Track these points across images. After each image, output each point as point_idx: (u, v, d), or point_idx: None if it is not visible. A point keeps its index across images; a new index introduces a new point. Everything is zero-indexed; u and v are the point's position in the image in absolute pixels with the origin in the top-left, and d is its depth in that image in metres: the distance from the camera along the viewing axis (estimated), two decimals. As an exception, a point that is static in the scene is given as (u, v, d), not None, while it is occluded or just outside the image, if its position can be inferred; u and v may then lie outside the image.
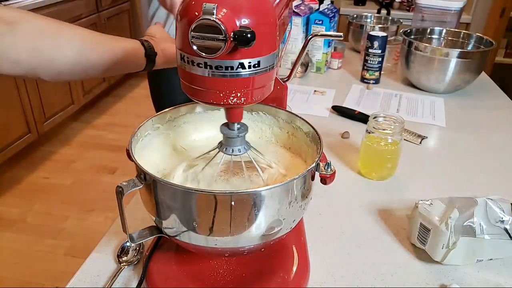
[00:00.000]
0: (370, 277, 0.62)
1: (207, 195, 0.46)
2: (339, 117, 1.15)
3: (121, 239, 0.66)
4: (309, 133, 0.60)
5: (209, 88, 0.45)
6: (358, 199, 0.80)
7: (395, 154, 0.84)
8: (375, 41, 1.30)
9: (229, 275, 0.59)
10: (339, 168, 0.66)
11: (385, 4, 2.76)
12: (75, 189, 2.32)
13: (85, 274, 0.61)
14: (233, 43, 0.40)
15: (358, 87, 1.36)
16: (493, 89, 1.39)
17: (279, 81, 0.67)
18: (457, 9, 1.61)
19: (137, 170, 0.49)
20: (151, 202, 0.50)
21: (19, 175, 2.41)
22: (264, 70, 0.45)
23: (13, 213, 2.12)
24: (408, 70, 1.33)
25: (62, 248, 1.90)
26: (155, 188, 0.48)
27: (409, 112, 1.18)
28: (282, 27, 0.59)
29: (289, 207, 0.50)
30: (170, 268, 0.60)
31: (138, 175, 0.49)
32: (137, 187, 0.48)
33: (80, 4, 2.80)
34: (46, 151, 2.65)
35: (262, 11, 0.44)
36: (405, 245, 0.69)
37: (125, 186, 0.47)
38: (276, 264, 0.61)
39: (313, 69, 1.45)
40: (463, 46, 1.39)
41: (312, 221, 0.73)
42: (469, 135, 1.07)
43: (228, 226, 0.48)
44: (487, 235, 0.62)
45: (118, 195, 0.47)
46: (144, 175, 0.48)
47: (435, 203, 0.65)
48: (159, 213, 0.51)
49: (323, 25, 1.40)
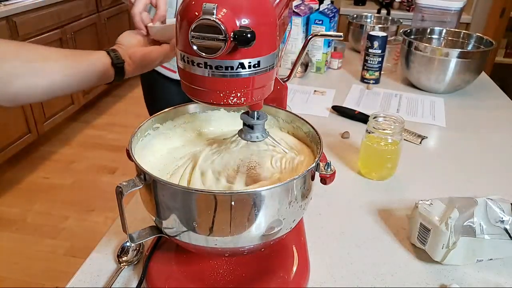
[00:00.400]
0: (370, 277, 0.62)
1: (207, 195, 0.46)
2: (339, 117, 1.15)
3: (121, 239, 0.66)
4: (309, 133, 0.60)
5: (209, 88, 0.45)
6: (358, 199, 0.80)
7: (395, 154, 0.84)
8: (375, 41, 1.30)
9: (229, 275, 0.59)
10: (339, 168, 0.66)
11: (385, 4, 2.76)
12: (75, 189, 2.32)
13: (85, 274, 0.61)
14: (233, 43, 0.40)
15: (358, 87, 1.36)
16: (493, 89, 1.39)
17: (279, 81, 0.67)
18: (457, 9, 1.61)
19: (137, 170, 0.49)
20: (151, 202, 0.50)
21: (19, 175, 2.41)
22: (264, 70, 0.45)
23: (13, 213, 2.12)
24: (408, 70, 1.33)
25: (62, 248, 1.90)
26: (155, 188, 0.48)
27: (409, 112, 1.18)
28: (282, 27, 0.59)
29: (289, 207, 0.50)
30: (170, 268, 0.60)
31: (138, 175, 0.49)
32: (137, 187, 0.48)
33: (80, 4, 2.80)
34: (46, 151, 2.65)
35: (262, 11, 0.44)
36: (405, 245, 0.69)
37: (125, 186, 0.47)
38: (276, 264, 0.61)
39: (313, 69, 1.45)
40: (463, 46, 1.39)
41: (312, 221, 0.73)
42: (469, 135, 1.07)
43: (228, 226, 0.48)
44: (487, 235, 0.62)
45: (118, 195, 0.47)
46: (144, 175, 0.48)
47: (435, 203, 0.65)
48: (159, 213, 0.51)
49: (323, 25, 1.40)
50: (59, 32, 2.60)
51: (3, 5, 2.23)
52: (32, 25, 2.37)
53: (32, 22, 2.37)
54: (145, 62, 0.71)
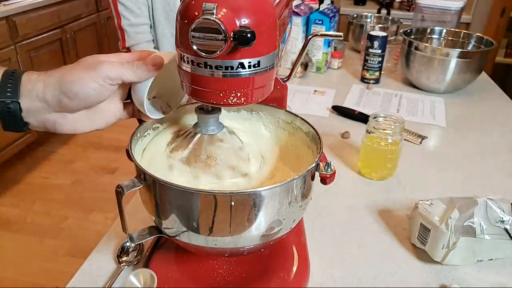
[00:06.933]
0: (370, 277, 0.62)
1: (207, 195, 0.46)
2: (339, 117, 1.15)
3: (121, 239, 0.66)
4: (309, 133, 0.60)
5: (209, 88, 0.45)
6: (358, 199, 0.80)
7: (395, 154, 0.84)
8: (375, 41, 1.30)
9: (229, 275, 0.59)
10: (339, 168, 0.66)
11: (385, 4, 2.76)
12: (75, 189, 2.32)
13: (85, 274, 0.61)
14: (233, 43, 0.40)
15: (358, 87, 1.36)
16: (493, 89, 1.39)
17: (279, 81, 0.67)
18: (457, 9, 1.61)
19: (137, 170, 0.49)
20: (151, 202, 0.50)
21: (19, 175, 2.41)
22: (264, 70, 0.45)
23: (13, 213, 2.12)
24: (408, 70, 1.33)
25: (62, 248, 1.90)
26: (155, 188, 0.48)
27: (409, 112, 1.18)
28: (282, 27, 0.59)
29: (289, 207, 0.50)
30: (170, 268, 0.60)
31: (138, 175, 0.49)
32: (137, 187, 0.48)
33: (80, 4, 2.79)
34: (46, 151, 2.64)
35: (262, 11, 0.44)
36: (405, 245, 0.69)
37: (125, 186, 0.47)
38: (276, 264, 0.61)
39: (313, 69, 1.45)
40: (463, 46, 1.39)
41: (312, 221, 0.73)
42: (469, 135, 1.07)
43: (228, 226, 0.48)
44: (487, 235, 0.62)
45: (118, 195, 0.47)
46: (144, 175, 0.48)
47: (435, 203, 0.65)
48: (159, 213, 0.51)
49: (323, 25, 1.39)
50: (59, 32, 2.60)
51: (3, 5, 2.23)
52: (32, 25, 2.37)
53: (32, 22, 2.37)
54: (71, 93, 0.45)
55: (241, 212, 0.47)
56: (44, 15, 2.46)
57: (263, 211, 0.47)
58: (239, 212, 0.47)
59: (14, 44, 2.26)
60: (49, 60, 2.53)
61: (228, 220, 0.47)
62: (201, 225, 0.48)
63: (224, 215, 0.47)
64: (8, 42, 2.22)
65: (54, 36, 2.57)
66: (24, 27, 2.32)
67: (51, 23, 2.53)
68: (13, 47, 2.26)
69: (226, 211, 0.46)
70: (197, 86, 0.46)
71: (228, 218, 0.47)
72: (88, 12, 2.91)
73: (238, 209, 0.46)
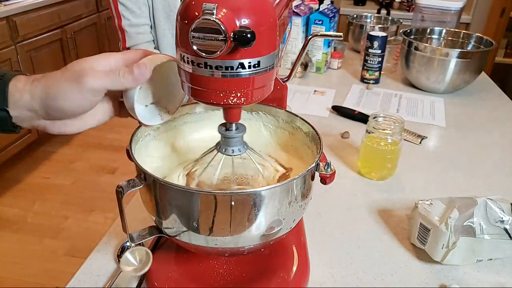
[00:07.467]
0: (370, 277, 0.62)
1: (207, 195, 0.46)
2: (339, 117, 1.15)
3: (121, 239, 0.66)
4: (309, 133, 0.60)
5: (209, 88, 0.45)
6: (358, 199, 0.80)
7: (395, 154, 0.84)
8: (375, 41, 1.30)
9: (229, 275, 0.59)
10: (339, 168, 0.66)
11: (385, 4, 2.76)
12: (75, 189, 2.32)
13: (85, 274, 0.61)
14: (233, 43, 0.40)
15: (358, 87, 1.36)
16: (493, 89, 1.39)
17: (279, 81, 0.67)
18: (457, 9, 1.61)
19: (137, 170, 0.49)
20: (151, 202, 0.50)
21: (19, 175, 2.41)
22: (264, 70, 0.45)
23: (13, 213, 2.12)
24: (408, 70, 1.33)
25: (62, 248, 1.90)
26: (155, 188, 0.48)
27: (409, 112, 1.18)
28: (282, 27, 0.59)
29: (289, 207, 0.50)
30: (170, 268, 0.60)
31: (138, 175, 0.49)
32: (137, 187, 0.48)
33: (80, 4, 2.79)
34: (46, 151, 2.64)
35: (262, 11, 0.44)
36: (405, 245, 0.69)
37: (125, 186, 0.47)
38: (276, 264, 0.61)
39: (313, 69, 1.45)
40: (463, 46, 1.39)
41: (312, 221, 0.73)
42: (469, 135, 1.07)
43: (228, 226, 0.48)
44: (487, 235, 0.62)
45: (118, 195, 0.47)
46: (144, 175, 0.48)
47: (435, 203, 0.65)
48: (159, 213, 0.51)
49: (323, 25, 1.40)
50: (59, 32, 2.60)
51: (3, 5, 2.23)
52: (32, 25, 2.37)
53: (32, 22, 2.37)
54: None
55: (241, 212, 0.47)
56: (45, 15, 2.46)
57: (263, 211, 0.47)
58: (239, 212, 0.47)
59: (14, 44, 2.26)
60: (49, 60, 2.53)
61: (228, 220, 0.47)
62: (201, 225, 0.48)
63: (224, 215, 0.47)
64: (8, 42, 2.22)
65: (55, 36, 2.57)
66: (25, 27, 2.32)
67: (52, 23, 2.53)
68: (14, 47, 2.26)
69: (226, 211, 0.46)
70: (197, 86, 0.46)
71: (228, 218, 0.47)
72: (89, 12, 2.91)
73: (238, 209, 0.46)
